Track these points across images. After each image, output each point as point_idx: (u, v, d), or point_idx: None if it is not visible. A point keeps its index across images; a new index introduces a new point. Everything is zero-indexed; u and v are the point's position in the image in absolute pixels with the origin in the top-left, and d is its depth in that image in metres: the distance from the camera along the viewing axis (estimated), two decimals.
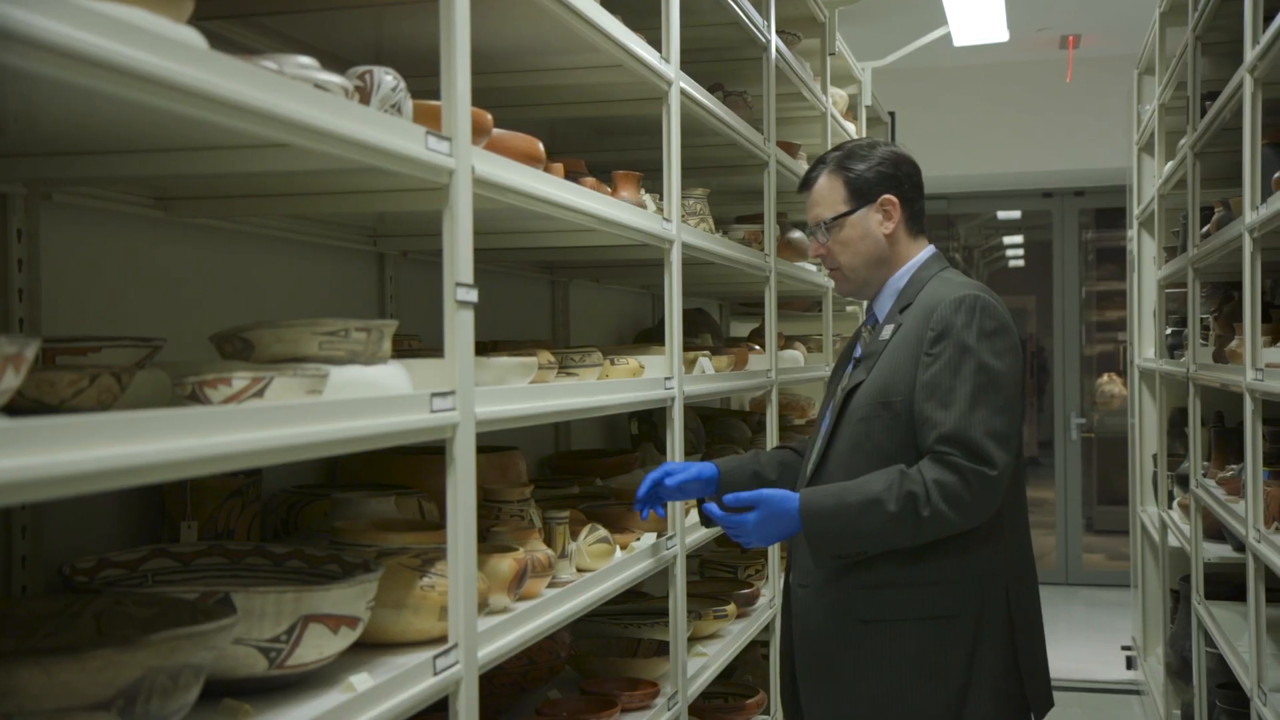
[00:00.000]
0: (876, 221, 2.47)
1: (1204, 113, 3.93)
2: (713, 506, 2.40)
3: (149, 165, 1.68)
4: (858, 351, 2.53)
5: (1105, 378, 9.52)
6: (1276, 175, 2.97)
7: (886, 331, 2.43)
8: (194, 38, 1.20)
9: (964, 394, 2.26)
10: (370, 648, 1.80)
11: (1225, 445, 4.46)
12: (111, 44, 1.07)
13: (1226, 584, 4.32)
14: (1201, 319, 4.38)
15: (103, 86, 1.10)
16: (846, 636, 2.36)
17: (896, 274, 2.49)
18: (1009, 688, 2.35)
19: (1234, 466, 4.06)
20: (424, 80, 1.92)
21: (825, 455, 2.43)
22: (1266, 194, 3.06)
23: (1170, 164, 4.86)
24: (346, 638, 1.64)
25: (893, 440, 2.34)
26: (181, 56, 1.17)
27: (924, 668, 2.32)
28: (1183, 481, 4.87)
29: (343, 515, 2.14)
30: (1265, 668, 3.19)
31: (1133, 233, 6.49)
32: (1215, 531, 4.33)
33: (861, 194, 2.47)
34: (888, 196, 2.47)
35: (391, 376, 1.75)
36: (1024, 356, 2.41)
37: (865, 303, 2.61)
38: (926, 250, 2.52)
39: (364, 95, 1.68)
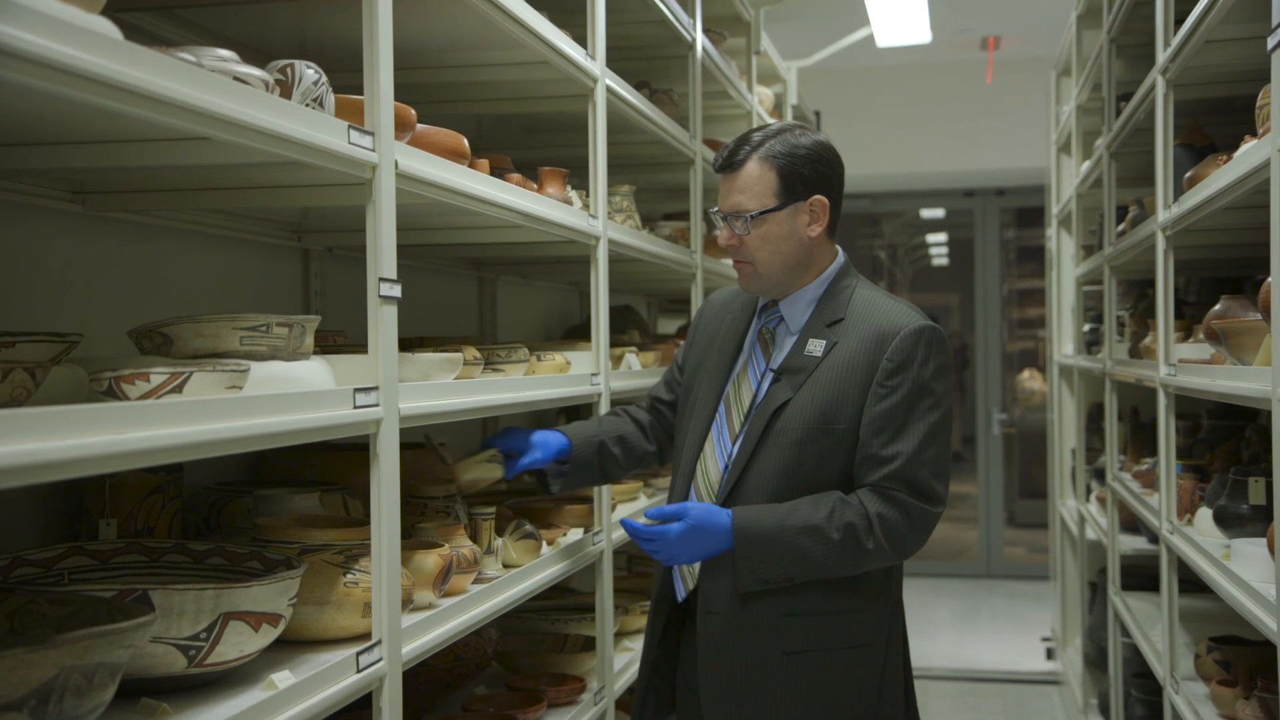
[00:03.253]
0: (804, 222, 2.30)
1: (1119, 113, 4.01)
2: (630, 520, 2.29)
3: (65, 158, 1.65)
4: (759, 358, 2.37)
5: (1026, 374, 9.69)
6: (1188, 175, 3.04)
7: (815, 347, 2.28)
8: (108, 28, 1.19)
9: (917, 431, 2.21)
10: (293, 645, 1.79)
11: (1140, 439, 4.56)
12: (21, 33, 1.06)
13: (1142, 575, 4.41)
14: (1118, 316, 4.48)
15: (13, 77, 1.08)
16: (769, 668, 2.25)
17: (813, 282, 2.35)
18: (902, 705, 2.37)
19: (1148, 460, 4.15)
20: (347, 75, 1.92)
21: (743, 475, 2.27)
22: (1178, 193, 3.14)
23: (1087, 164, 4.96)
24: (268, 635, 1.62)
25: (828, 466, 2.24)
26: (95, 47, 1.16)
27: (842, 696, 2.27)
28: (1100, 475, 4.97)
29: (265, 512, 2.12)
30: (1178, 657, 3.26)
31: (1051, 231, 6.61)
32: (1131, 524, 4.43)
33: (793, 190, 2.28)
34: (819, 197, 2.30)
35: (314, 372, 1.74)
36: None
37: (760, 302, 2.42)
38: (839, 258, 2.38)
39: (285, 89, 1.67)
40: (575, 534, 2.77)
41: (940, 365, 2.26)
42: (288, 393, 1.57)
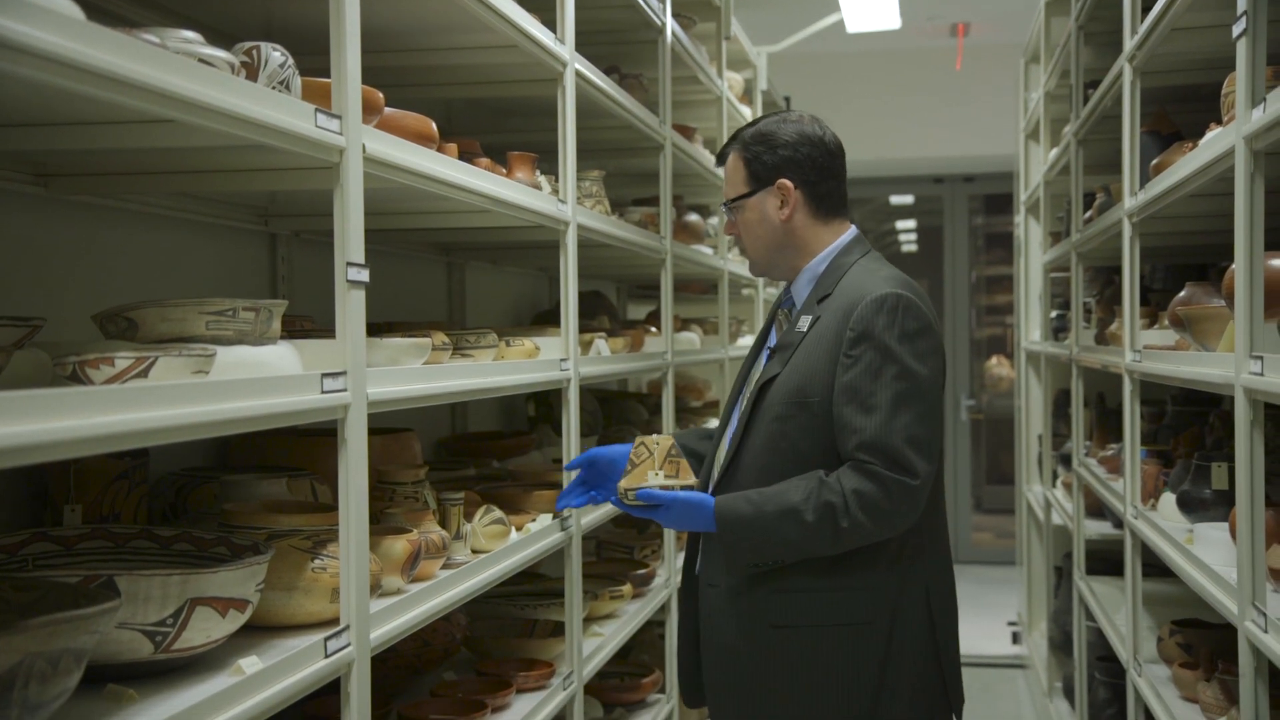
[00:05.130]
0: (774, 206, 2.37)
1: (1087, 100, 4.04)
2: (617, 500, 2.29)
3: (27, 140, 1.64)
4: (773, 339, 2.43)
5: (994, 360, 9.75)
6: (1154, 162, 3.06)
7: (804, 323, 2.32)
8: (70, 8, 1.18)
9: (885, 400, 2.17)
10: (261, 630, 1.78)
11: (1106, 425, 4.60)
12: None
13: (1106, 560, 4.46)
14: (1084, 302, 4.51)
15: None
16: (757, 642, 2.26)
17: (815, 259, 2.38)
18: (926, 690, 2.30)
19: (1114, 446, 4.19)
20: (314, 58, 1.90)
21: (739, 450, 2.32)
22: (1145, 180, 3.16)
23: (1055, 150, 4.99)
24: (235, 620, 1.62)
25: (809, 441, 2.24)
26: (57, 27, 1.14)
27: (837, 675, 2.24)
28: (1066, 461, 5.01)
29: (232, 498, 2.11)
30: (1141, 640, 3.30)
31: (1019, 218, 6.65)
32: (1096, 509, 4.47)
33: (759, 177, 2.38)
34: (783, 181, 2.36)
35: (281, 357, 1.73)
36: (946, 353, 2.32)
37: (784, 283, 2.49)
38: (847, 234, 2.41)
39: (251, 71, 1.65)
40: (544, 519, 2.77)
41: (907, 331, 2.22)
42: (255, 378, 1.56)
